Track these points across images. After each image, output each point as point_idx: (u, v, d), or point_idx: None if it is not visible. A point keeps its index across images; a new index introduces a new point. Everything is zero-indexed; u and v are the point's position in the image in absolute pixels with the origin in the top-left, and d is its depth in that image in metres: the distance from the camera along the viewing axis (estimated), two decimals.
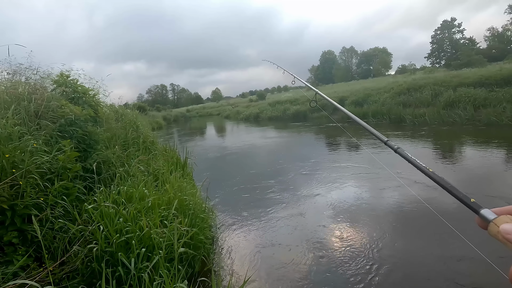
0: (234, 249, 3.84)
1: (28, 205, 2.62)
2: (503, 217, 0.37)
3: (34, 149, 2.96)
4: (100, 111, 5.27)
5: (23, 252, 2.50)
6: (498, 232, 0.36)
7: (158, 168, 4.41)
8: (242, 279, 2.97)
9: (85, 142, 4.04)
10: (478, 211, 0.40)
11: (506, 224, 0.35)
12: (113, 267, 2.38)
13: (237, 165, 9.25)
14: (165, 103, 75.16)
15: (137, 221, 2.61)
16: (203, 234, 3.18)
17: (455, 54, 44.93)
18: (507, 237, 0.35)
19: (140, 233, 2.47)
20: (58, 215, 2.75)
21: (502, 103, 11.93)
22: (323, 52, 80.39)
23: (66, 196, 3.00)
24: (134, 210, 2.70)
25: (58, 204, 2.87)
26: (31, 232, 2.61)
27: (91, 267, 2.37)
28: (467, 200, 0.44)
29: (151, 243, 2.48)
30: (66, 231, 2.69)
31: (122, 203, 2.84)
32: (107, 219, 2.54)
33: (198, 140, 17.92)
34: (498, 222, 0.36)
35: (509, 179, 5.48)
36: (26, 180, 2.66)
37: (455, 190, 0.47)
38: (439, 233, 3.63)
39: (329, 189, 5.83)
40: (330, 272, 3.23)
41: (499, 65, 19.25)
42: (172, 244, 2.65)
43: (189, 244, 2.94)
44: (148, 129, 7.12)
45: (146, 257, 2.42)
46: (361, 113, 17.89)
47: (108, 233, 2.44)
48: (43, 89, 4.07)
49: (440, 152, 8.39)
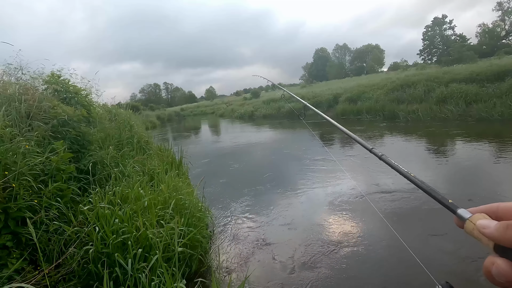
0: (231, 247, 3.84)
1: (21, 208, 2.58)
2: (477, 215, 0.40)
3: (27, 150, 2.91)
4: (93, 111, 5.21)
5: (17, 255, 2.46)
6: (474, 229, 0.39)
7: (153, 168, 4.37)
8: (240, 278, 2.98)
9: (78, 142, 3.99)
10: (455, 211, 0.44)
11: (483, 220, 0.38)
12: (109, 268, 2.36)
13: (232, 163, 9.23)
14: (159, 102, 74.55)
15: (133, 222, 2.59)
16: (200, 233, 3.17)
17: (446, 50, 45.45)
18: (483, 231, 0.37)
19: (136, 233, 2.45)
20: (53, 217, 2.72)
21: (492, 98, 12.12)
22: (316, 49, 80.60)
23: (60, 198, 2.97)
24: (130, 210, 2.68)
25: (52, 206, 2.84)
26: (26, 235, 2.58)
27: (88, 268, 2.34)
28: (446, 202, 0.48)
29: (147, 243, 2.47)
30: (61, 233, 2.66)
31: (117, 203, 2.82)
32: (103, 220, 2.51)
33: (193, 139, 17.84)
34: (473, 220, 0.40)
35: (494, 176, 5.59)
36: (19, 182, 2.62)
37: (434, 192, 0.51)
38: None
39: (324, 185, 5.87)
40: (331, 270, 3.25)
41: (489, 61, 19.55)
42: (169, 244, 2.64)
43: (186, 244, 2.93)
44: (142, 128, 7.06)
45: (143, 258, 2.41)
46: (355, 110, 18.03)
47: (104, 234, 2.42)
48: (34, 90, 4.00)
49: (432, 149, 8.50)
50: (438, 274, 2.95)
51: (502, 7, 43.96)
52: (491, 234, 0.36)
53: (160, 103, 70.51)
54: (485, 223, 0.38)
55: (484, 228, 0.37)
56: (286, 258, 3.50)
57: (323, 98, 22.11)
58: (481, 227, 0.38)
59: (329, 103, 21.35)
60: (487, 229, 0.37)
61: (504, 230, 0.35)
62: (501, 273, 0.34)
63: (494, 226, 0.36)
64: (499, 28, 45.06)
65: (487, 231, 0.37)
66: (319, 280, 3.09)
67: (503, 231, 0.35)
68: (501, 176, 5.52)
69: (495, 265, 0.35)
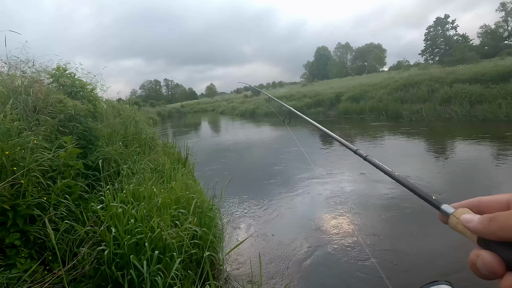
0: (242, 247, 3.77)
1: (30, 205, 2.48)
2: (460, 210, 0.41)
3: (35, 145, 2.80)
4: (98, 106, 5.10)
5: (25, 254, 2.37)
6: (457, 223, 0.40)
7: (163, 164, 4.27)
8: (252, 279, 2.90)
9: (85, 138, 3.89)
10: (439, 207, 0.44)
11: (466, 214, 0.39)
12: (122, 270, 2.27)
13: (236, 161, 9.15)
14: (159, 99, 74.10)
15: (147, 221, 2.49)
16: (212, 234, 3.08)
17: (448, 50, 45.32)
18: (467, 225, 0.38)
19: (151, 234, 2.35)
20: (62, 215, 2.62)
21: (497, 99, 12.04)
22: (318, 48, 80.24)
23: (68, 195, 2.87)
24: (144, 209, 2.58)
25: (61, 203, 2.74)
26: (34, 233, 2.49)
27: (100, 270, 2.25)
28: (429, 198, 0.48)
29: (161, 245, 2.37)
30: (69, 232, 2.56)
31: (130, 202, 2.72)
32: (116, 219, 2.41)
33: (195, 136, 17.73)
34: (457, 215, 0.40)
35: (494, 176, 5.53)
36: (28, 178, 2.51)
37: (418, 190, 0.52)
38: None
39: (333, 182, 5.80)
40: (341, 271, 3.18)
41: (493, 62, 19.45)
42: (182, 246, 2.55)
43: (199, 244, 2.84)
44: (148, 124, 6.95)
45: (157, 259, 2.31)
46: (358, 109, 17.95)
47: (118, 234, 2.32)
48: (40, 83, 3.89)
49: (438, 148, 8.43)
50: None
51: (505, 8, 43.81)
52: (474, 228, 0.37)
53: (160, 100, 70.13)
54: (468, 217, 0.38)
55: (467, 222, 0.38)
56: (297, 256, 3.46)
57: (325, 97, 22.00)
58: (465, 221, 0.38)
59: (331, 101, 21.25)
60: (471, 223, 0.37)
61: (487, 223, 0.35)
62: (486, 265, 0.34)
63: (477, 219, 0.37)
64: (501, 29, 44.94)
65: (471, 225, 0.37)
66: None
67: (486, 224, 0.35)
68: (501, 177, 5.49)
69: (479, 257, 0.35)
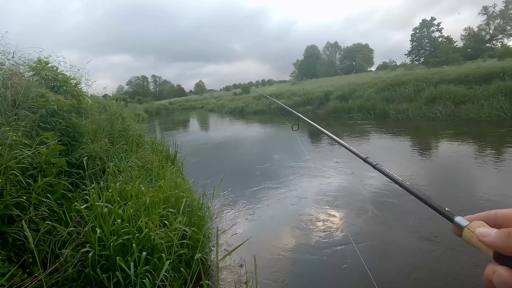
0: (232, 244, 3.72)
1: (8, 205, 2.34)
2: (475, 223, 0.39)
3: (14, 142, 2.65)
4: (83, 101, 4.90)
5: (3, 257, 2.23)
6: (472, 237, 0.38)
7: (151, 162, 4.14)
8: (243, 278, 2.85)
9: (69, 134, 3.72)
10: (453, 219, 0.42)
11: (482, 228, 0.37)
12: (107, 272, 2.17)
13: (225, 158, 9.07)
14: (147, 95, 72.47)
15: (134, 222, 2.39)
16: (202, 233, 3.01)
17: (433, 52, 46.47)
18: (483, 239, 0.36)
19: (139, 234, 2.26)
20: (43, 216, 2.49)
21: (480, 100, 12.40)
22: (307, 46, 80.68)
23: (50, 194, 2.73)
24: (131, 209, 2.48)
25: (42, 202, 2.60)
26: (12, 235, 2.35)
27: (84, 272, 2.14)
28: (442, 209, 0.46)
29: (150, 246, 2.29)
30: (51, 233, 2.43)
31: (116, 201, 2.61)
32: (101, 219, 2.31)
33: (183, 133, 17.48)
34: (471, 228, 0.38)
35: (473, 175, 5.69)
36: (6, 177, 2.37)
37: (430, 200, 0.50)
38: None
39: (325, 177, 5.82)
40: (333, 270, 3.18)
41: (476, 63, 20.05)
42: (171, 246, 2.47)
43: (188, 244, 2.77)
44: (135, 121, 6.76)
45: (145, 261, 2.23)
46: (346, 108, 18.11)
47: (103, 235, 2.22)
48: (20, 76, 3.69)
49: (421, 148, 8.62)
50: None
51: (487, 11, 45.26)
52: (491, 242, 0.35)
53: (147, 96, 68.72)
54: (484, 231, 0.36)
55: (484, 236, 0.36)
56: (289, 252, 3.46)
57: (314, 95, 22.11)
58: (481, 235, 0.36)
59: (320, 100, 21.39)
60: (487, 237, 0.36)
61: (505, 238, 0.33)
62: (503, 282, 0.32)
63: (494, 234, 0.35)
64: (483, 32, 46.42)
65: (488, 239, 0.35)
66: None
67: (505, 239, 0.33)
68: (481, 175, 5.65)
69: (496, 273, 0.33)
